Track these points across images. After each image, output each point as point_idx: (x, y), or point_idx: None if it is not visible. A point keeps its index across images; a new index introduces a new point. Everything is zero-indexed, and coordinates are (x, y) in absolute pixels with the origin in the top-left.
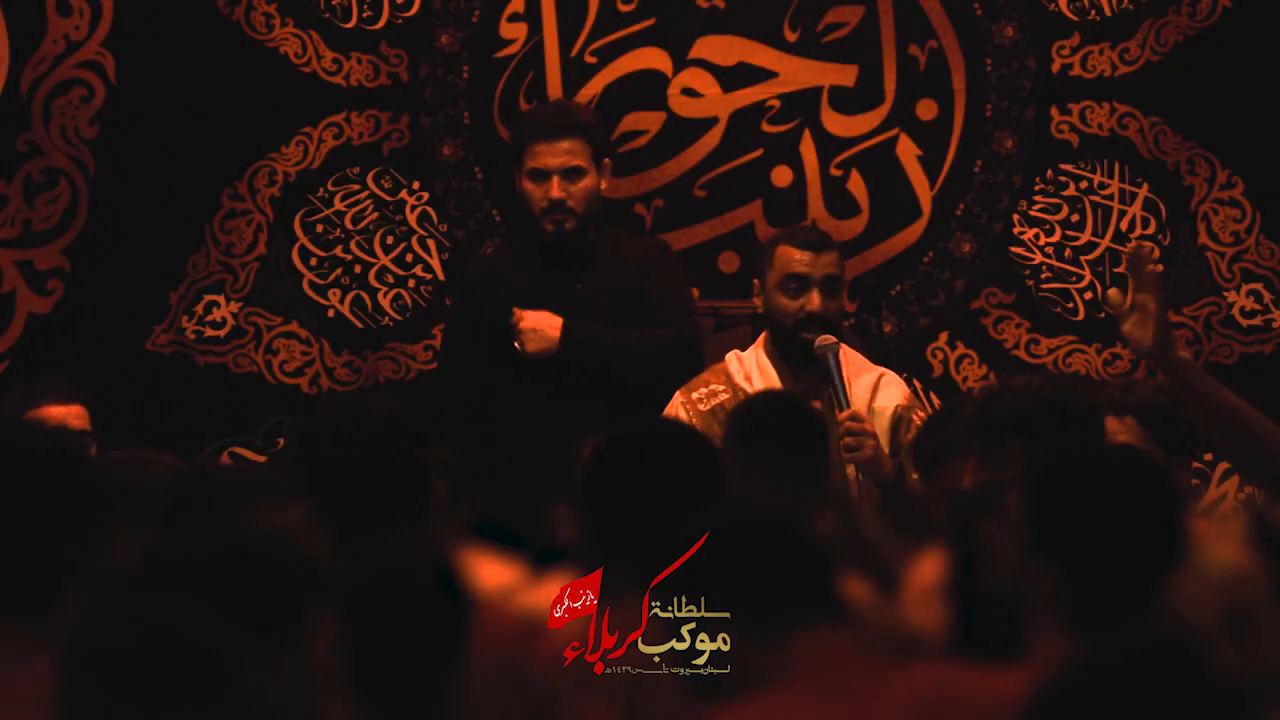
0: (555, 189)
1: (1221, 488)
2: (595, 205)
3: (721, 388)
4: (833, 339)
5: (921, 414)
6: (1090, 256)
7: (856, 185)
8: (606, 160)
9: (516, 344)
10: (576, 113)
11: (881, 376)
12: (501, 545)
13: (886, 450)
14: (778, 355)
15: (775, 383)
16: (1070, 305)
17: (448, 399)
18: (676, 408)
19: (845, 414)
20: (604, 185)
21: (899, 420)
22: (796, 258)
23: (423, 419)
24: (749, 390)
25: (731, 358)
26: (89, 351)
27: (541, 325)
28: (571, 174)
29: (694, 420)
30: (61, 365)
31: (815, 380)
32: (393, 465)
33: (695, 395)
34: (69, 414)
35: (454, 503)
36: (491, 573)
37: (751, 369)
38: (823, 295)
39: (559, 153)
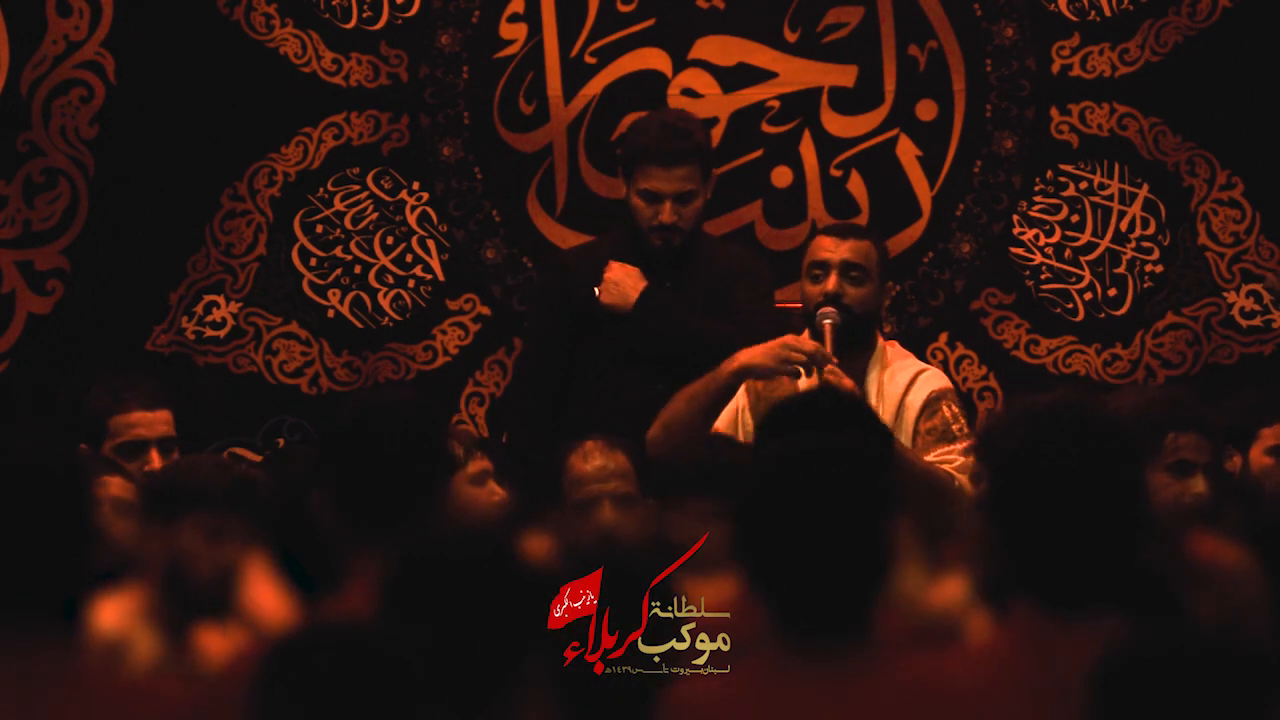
0: (667, 213)
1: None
2: (701, 219)
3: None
4: (831, 311)
5: (954, 406)
6: (1090, 257)
7: (856, 186)
8: (714, 172)
9: (596, 289)
10: (693, 134)
11: (921, 373)
12: None
13: (903, 435)
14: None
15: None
16: (1070, 306)
17: (537, 389)
18: (739, 394)
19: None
20: (709, 195)
21: (925, 407)
22: (820, 244)
23: (441, 411)
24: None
25: None
26: (89, 351)
27: (625, 282)
28: (684, 198)
29: (746, 395)
30: (61, 365)
31: (855, 365)
32: (413, 456)
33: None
34: (157, 419)
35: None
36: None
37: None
38: (840, 279)
39: (674, 179)
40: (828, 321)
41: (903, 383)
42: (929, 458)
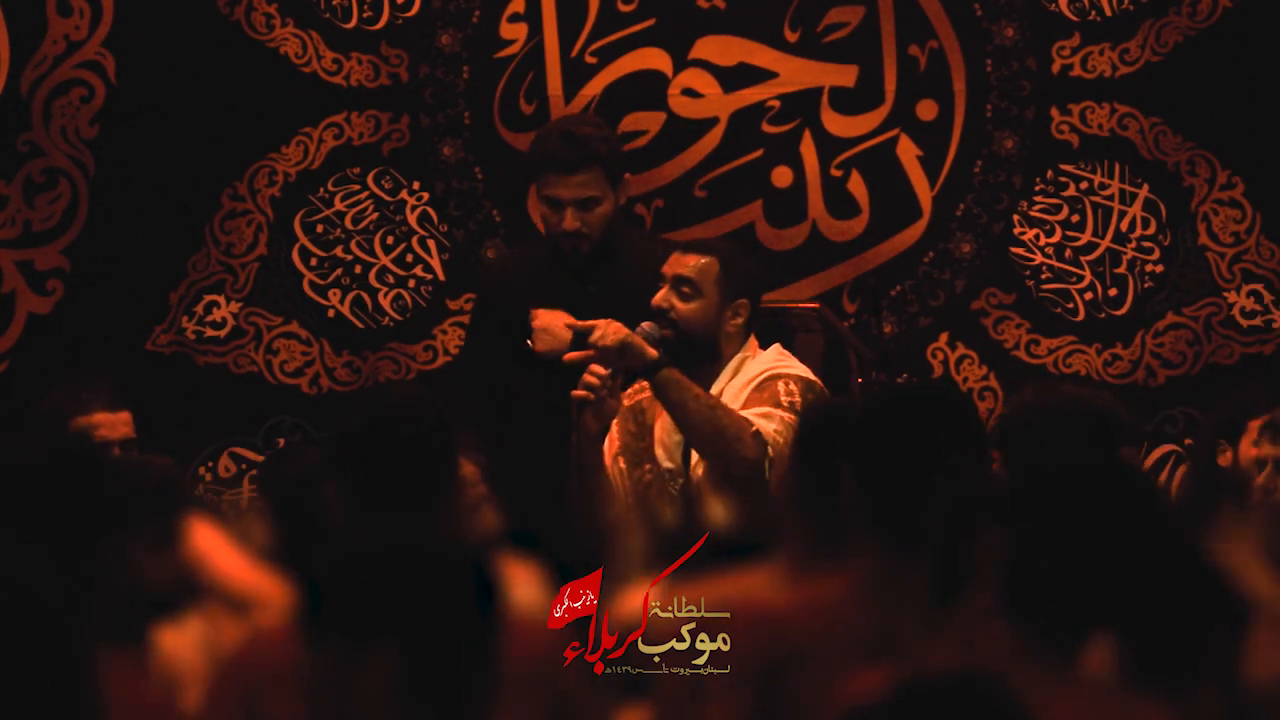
0: (569, 220)
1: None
2: (613, 222)
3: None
4: (649, 326)
5: (791, 385)
6: (1090, 257)
7: (857, 185)
8: (626, 176)
9: (529, 341)
10: (590, 142)
11: (773, 368)
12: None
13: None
14: None
15: None
16: (1070, 306)
17: (472, 399)
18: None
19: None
20: (623, 200)
21: (757, 385)
22: (669, 258)
23: (452, 407)
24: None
25: None
26: (89, 351)
27: (554, 326)
28: (585, 204)
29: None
30: (61, 366)
31: (694, 378)
32: (419, 446)
33: (630, 389)
34: (118, 421)
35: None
36: (521, 579)
37: None
38: (670, 292)
39: (572, 185)
40: (637, 334)
41: (741, 385)
42: (743, 410)
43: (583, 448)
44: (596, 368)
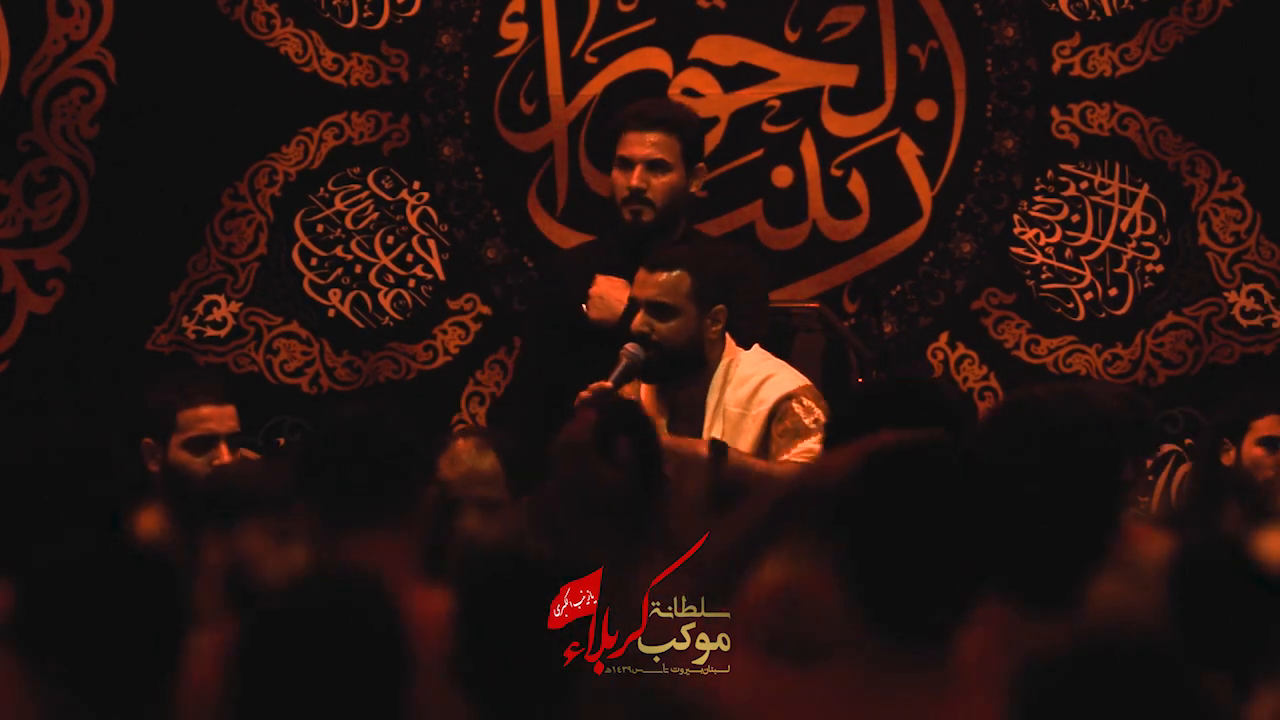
0: (636, 177)
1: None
2: (678, 202)
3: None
4: (633, 347)
5: (805, 401)
6: (1091, 257)
7: (857, 185)
8: (701, 165)
9: (584, 305)
10: (673, 109)
11: (767, 379)
12: None
13: (755, 437)
14: None
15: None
16: (1071, 305)
17: (527, 391)
18: None
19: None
20: (694, 188)
21: (774, 412)
22: (635, 279)
23: (410, 424)
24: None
25: None
26: (89, 351)
27: (610, 294)
28: (655, 166)
29: None
30: (61, 365)
31: (688, 391)
32: (380, 464)
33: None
34: (224, 414)
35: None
36: None
37: None
38: (647, 316)
39: (645, 143)
40: (624, 360)
41: (744, 396)
42: (786, 455)
43: None
44: (594, 385)
